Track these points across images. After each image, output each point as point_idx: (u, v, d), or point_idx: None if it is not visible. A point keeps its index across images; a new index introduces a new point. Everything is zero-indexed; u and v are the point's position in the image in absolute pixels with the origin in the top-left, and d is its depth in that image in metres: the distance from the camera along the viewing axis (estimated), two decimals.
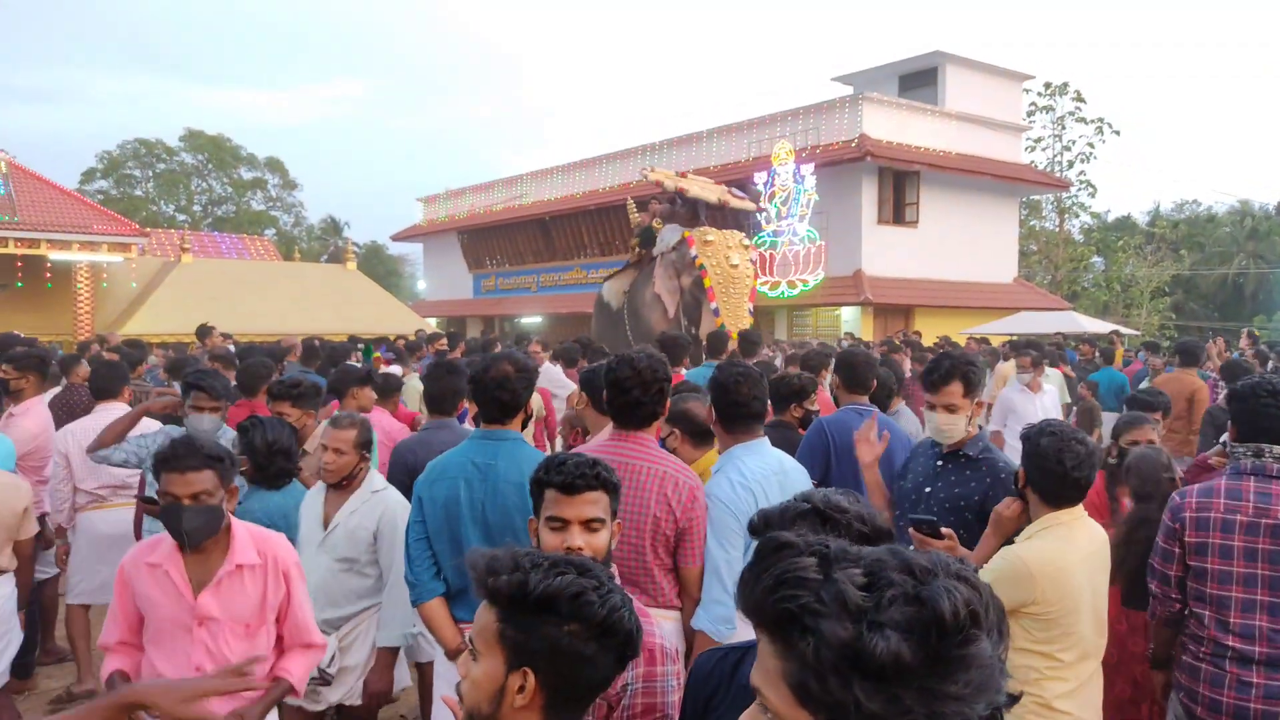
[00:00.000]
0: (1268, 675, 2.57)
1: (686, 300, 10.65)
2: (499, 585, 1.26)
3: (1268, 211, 40.30)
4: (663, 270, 10.80)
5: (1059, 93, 30.50)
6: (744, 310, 10.53)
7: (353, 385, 5.10)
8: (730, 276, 10.42)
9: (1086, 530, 2.63)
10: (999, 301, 20.76)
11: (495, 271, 28.70)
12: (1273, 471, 2.65)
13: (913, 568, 0.84)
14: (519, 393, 2.88)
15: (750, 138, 21.26)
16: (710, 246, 10.50)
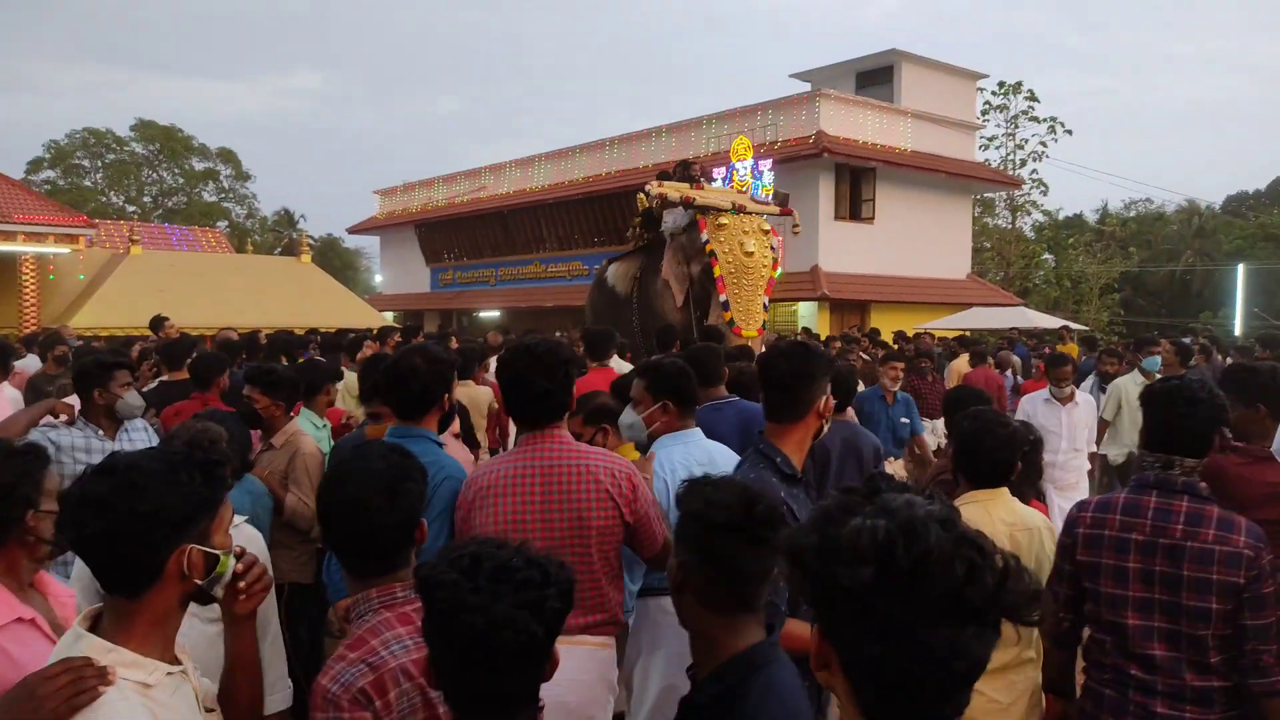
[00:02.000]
0: (1171, 706, 2.37)
1: (695, 290, 9.47)
2: None
3: (1214, 210, 41.30)
4: (671, 254, 9.63)
5: (1012, 92, 30.94)
6: (758, 305, 9.25)
7: (325, 381, 5.01)
8: (744, 266, 9.16)
9: (1007, 511, 2.76)
10: (953, 297, 21.07)
11: (453, 265, 28.51)
12: (1177, 486, 2.42)
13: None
14: (429, 387, 2.78)
15: (709, 133, 21.35)
16: (723, 231, 9.23)
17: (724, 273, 9.06)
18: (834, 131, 19.17)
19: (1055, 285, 31.76)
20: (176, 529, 1.49)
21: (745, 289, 9.12)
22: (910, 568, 0.90)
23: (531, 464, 2.48)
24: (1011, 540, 2.69)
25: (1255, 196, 42.21)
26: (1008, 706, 2.66)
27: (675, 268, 9.45)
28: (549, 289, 24.22)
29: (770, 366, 2.51)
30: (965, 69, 23.37)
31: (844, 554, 0.93)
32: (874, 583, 0.91)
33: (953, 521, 0.94)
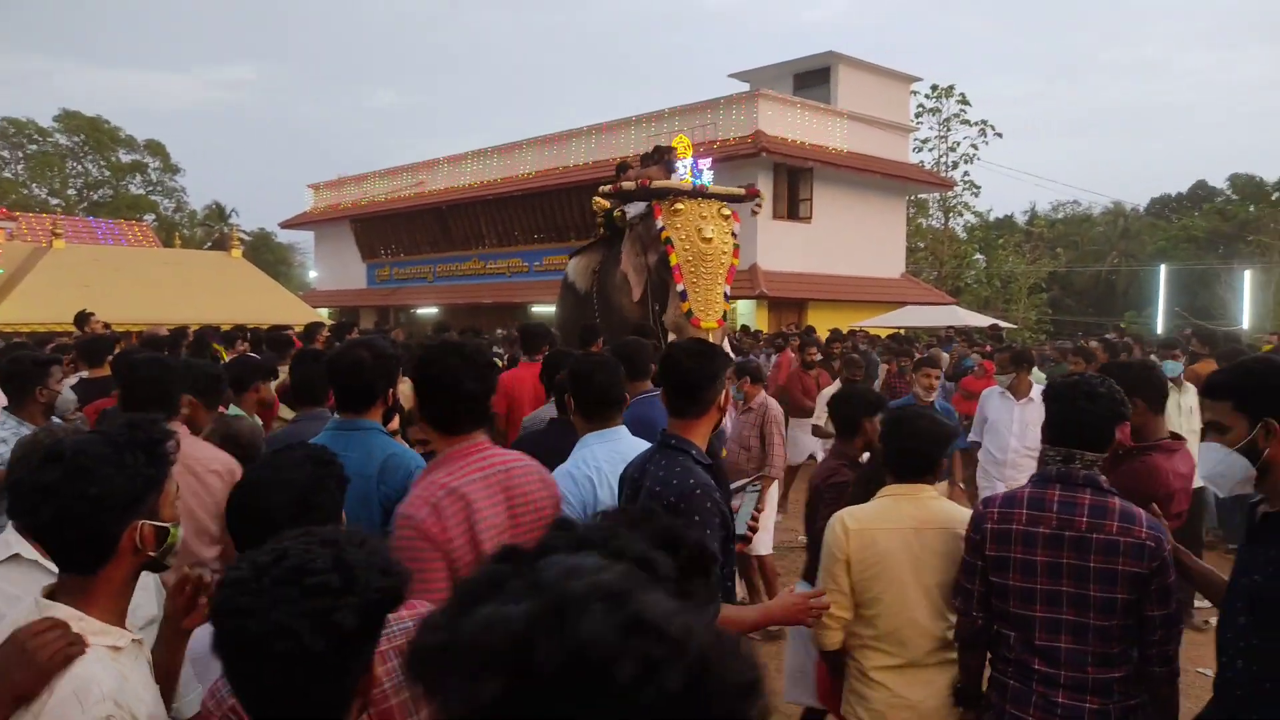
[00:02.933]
0: (1072, 697, 2.42)
1: (653, 281, 8.84)
2: None
3: (1139, 212, 42.66)
4: (629, 245, 9.01)
5: (945, 95, 31.56)
6: (718, 294, 8.60)
7: (256, 379, 4.89)
8: (701, 253, 8.54)
9: (919, 507, 2.75)
10: (888, 296, 21.44)
11: (390, 261, 28.14)
12: (1079, 479, 2.45)
13: None
14: (373, 381, 2.82)
15: (650, 130, 21.39)
16: (679, 217, 8.62)
17: (681, 261, 8.50)
18: (772, 131, 19.36)
19: (986, 284, 32.49)
20: (126, 508, 1.55)
21: (704, 278, 8.56)
22: (553, 674, 0.61)
23: (486, 471, 2.29)
24: (917, 537, 2.70)
25: (1178, 199, 43.68)
26: (916, 704, 2.67)
27: (633, 259, 8.91)
28: (488, 286, 24.05)
29: (674, 367, 2.54)
30: (900, 72, 23.78)
31: (462, 659, 0.64)
32: (501, 700, 0.62)
33: (627, 596, 0.65)
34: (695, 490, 2.41)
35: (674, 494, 2.39)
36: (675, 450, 2.49)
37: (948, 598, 2.68)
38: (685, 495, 2.40)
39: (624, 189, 9.01)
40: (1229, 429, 2.20)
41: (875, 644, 2.71)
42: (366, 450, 2.70)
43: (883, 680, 2.69)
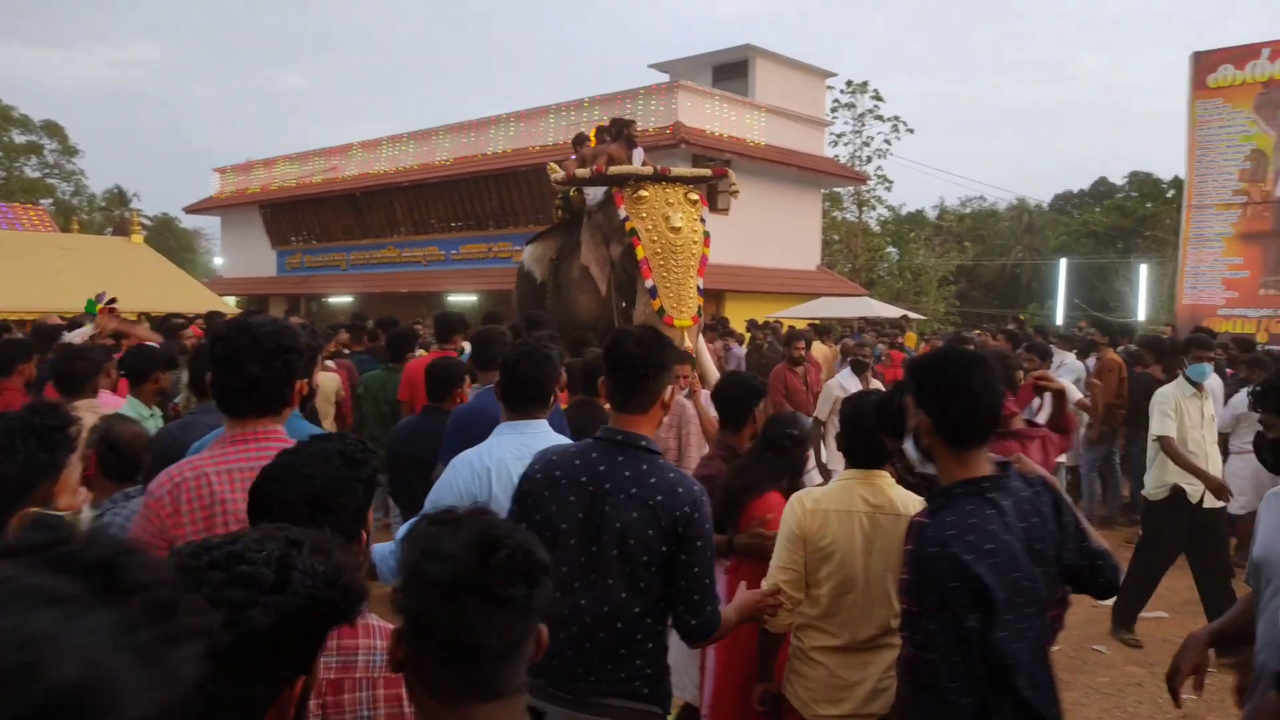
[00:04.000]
0: None
1: (619, 275, 8.06)
2: None
3: (1043, 208, 44.15)
4: (589, 236, 8.21)
5: (859, 91, 32.15)
6: (691, 289, 7.81)
7: (155, 369, 4.70)
8: (670, 244, 7.76)
9: (875, 493, 2.75)
10: (803, 287, 21.78)
11: (301, 248, 27.42)
12: None
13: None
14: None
15: (569, 119, 21.27)
16: (644, 204, 7.83)
17: (649, 254, 7.74)
18: (691, 123, 19.45)
19: (898, 277, 33.28)
20: (13, 494, 1.50)
21: (674, 271, 7.78)
22: None
23: (254, 464, 2.06)
24: (871, 522, 2.70)
25: (1079, 195, 45.31)
26: (854, 685, 2.68)
27: (594, 251, 8.13)
28: (404, 274, 23.64)
29: (622, 356, 2.40)
30: (816, 67, 24.12)
31: None
32: None
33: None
34: (703, 495, 2.35)
35: (688, 503, 2.28)
36: (648, 452, 2.37)
37: (895, 584, 2.67)
38: (698, 502, 2.31)
39: (579, 176, 8.26)
40: None
41: (819, 624, 2.73)
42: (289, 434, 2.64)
43: (822, 660, 2.72)
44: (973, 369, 2.08)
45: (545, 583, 1.21)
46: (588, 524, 2.30)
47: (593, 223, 8.28)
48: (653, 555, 2.27)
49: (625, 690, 2.30)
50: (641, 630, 2.31)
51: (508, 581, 1.17)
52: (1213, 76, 16.35)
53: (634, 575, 2.27)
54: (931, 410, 2.10)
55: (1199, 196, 16.66)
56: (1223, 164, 16.26)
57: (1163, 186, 37.87)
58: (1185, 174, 17.16)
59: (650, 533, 2.26)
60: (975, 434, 2.10)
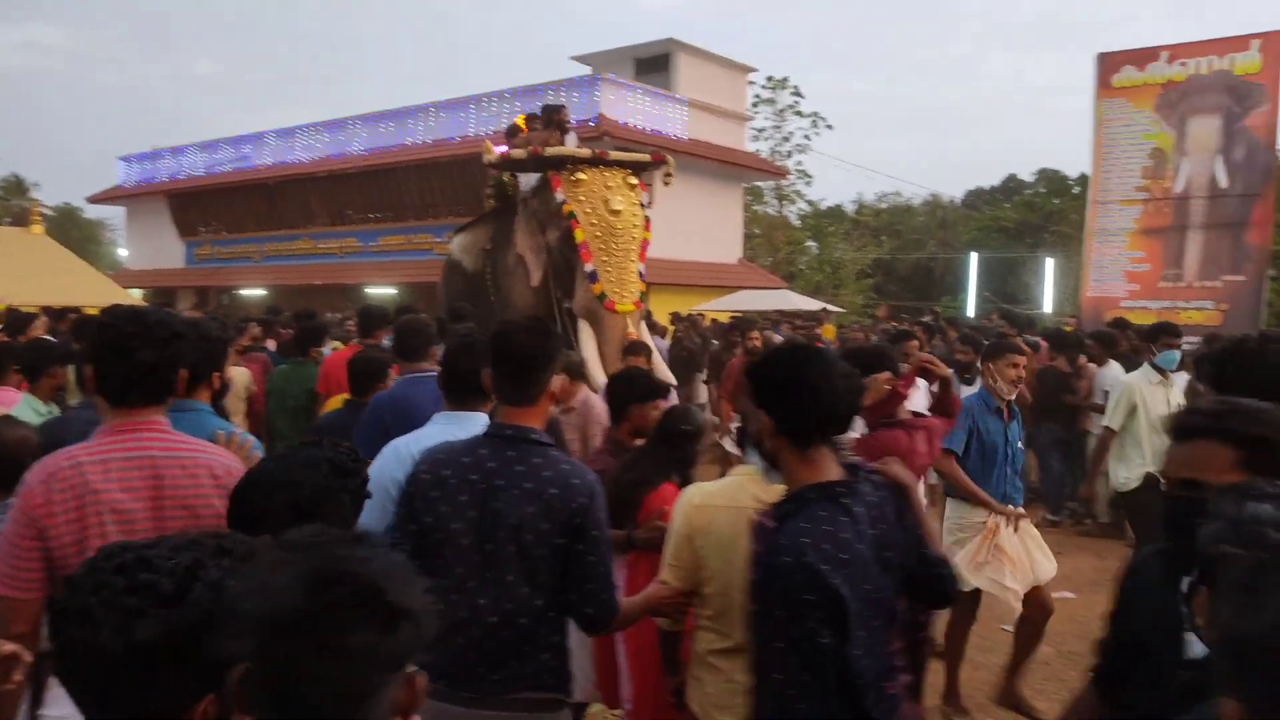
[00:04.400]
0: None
1: (555, 262, 7.74)
2: None
3: (955, 203, 45.31)
4: (524, 223, 7.90)
5: (780, 87, 32.53)
6: (632, 273, 7.60)
7: (53, 363, 4.49)
8: (611, 228, 7.53)
9: (766, 490, 2.63)
10: (726, 280, 21.96)
11: (211, 239, 26.57)
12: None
13: None
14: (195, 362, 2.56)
15: (489, 110, 21.03)
16: (582, 187, 7.61)
17: (588, 237, 7.50)
18: (613, 116, 19.42)
19: (818, 270, 33.81)
20: None
21: (615, 255, 7.54)
22: None
23: (134, 454, 2.07)
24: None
25: (990, 192, 46.57)
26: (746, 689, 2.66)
27: (529, 239, 7.86)
28: (320, 266, 23.10)
29: (510, 345, 2.35)
30: (737, 62, 24.30)
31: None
32: None
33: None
34: (598, 485, 2.32)
35: (583, 494, 2.26)
36: (540, 444, 2.31)
37: None
38: (594, 493, 2.28)
39: (514, 158, 7.98)
40: None
41: (710, 624, 2.66)
42: (196, 431, 2.53)
43: (715, 663, 2.63)
44: (809, 362, 2.00)
45: (403, 629, 0.98)
46: (481, 522, 2.23)
47: (528, 209, 8.00)
48: (550, 549, 2.23)
49: (531, 683, 2.27)
50: (545, 625, 2.28)
51: (342, 626, 0.95)
52: (1116, 77, 16.97)
53: (532, 570, 2.23)
54: (771, 410, 2.00)
55: (1103, 193, 17.28)
56: (1126, 162, 16.90)
57: (1069, 183, 39.20)
58: (1090, 171, 17.78)
59: (546, 526, 2.21)
60: (819, 431, 2.00)
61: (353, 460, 1.72)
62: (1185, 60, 16.34)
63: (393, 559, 1.05)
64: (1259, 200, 15.90)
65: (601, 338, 7.37)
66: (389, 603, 0.98)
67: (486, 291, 8.42)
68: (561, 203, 7.64)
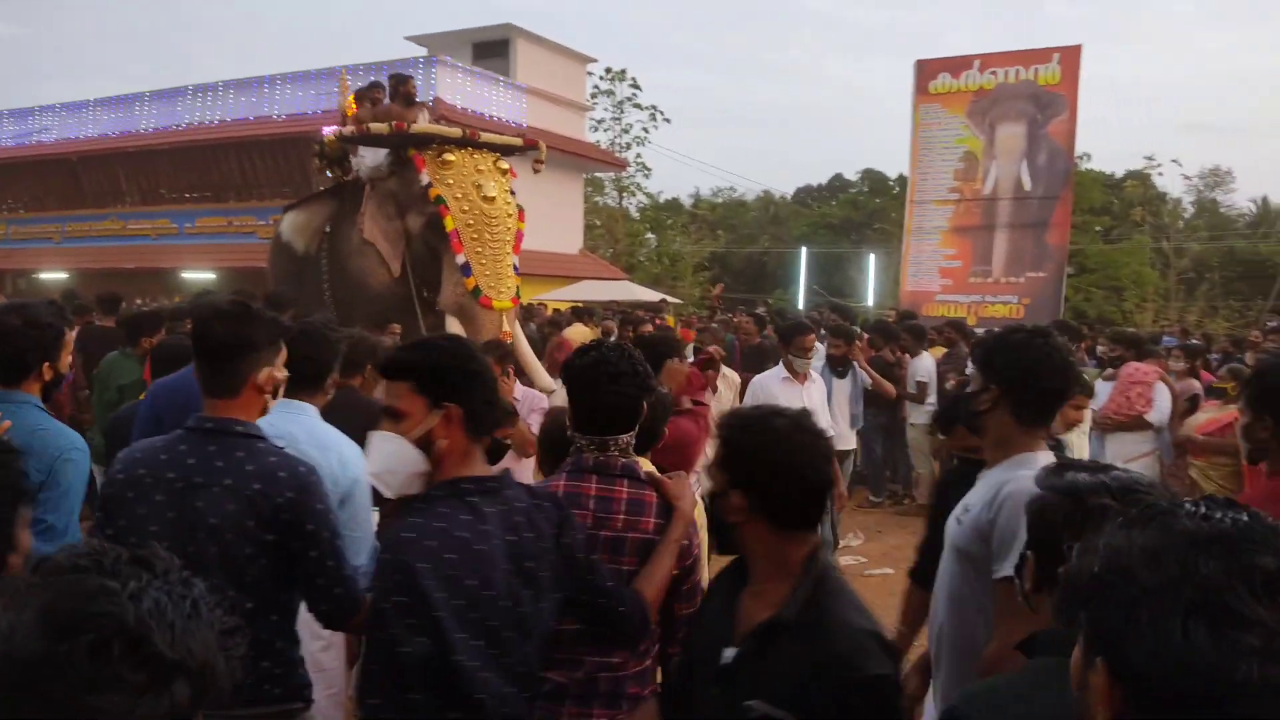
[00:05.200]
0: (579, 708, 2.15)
1: (417, 251, 7.17)
2: None
3: (786, 200, 46.99)
4: (376, 207, 7.21)
5: (618, 79, 32.72)
6: (508, 265, 7.11)
7: None
8: (485, 215, 6.95)
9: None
10: (567, 271, 21.93)
11: (7, 218, 24.32)
12: (616, 468, 2.22)
13: None
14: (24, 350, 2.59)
15: (320, 88, 20.15)
16: (451, 170, 7.01)
17: (459, 226, 6.88)
18: (450, 100, 19.02)
19: (657, 262, 34.29)
20: None
21: (490, 245, 6.96)
22: None
23: None
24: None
25: (818, 190, 48.58)
26: None
27: (383, 224, 7.16)
28: (130, 249, 21.52)
29: (206, 332, 2.18)
30: (577, 51, 24.30)
31: None
32: None
33: None
34: (311, 474, 2.15)
35: (290, 488, 2.07)
36: (246, 437, 2.13)
37: None
38: (304, 485, 2.10)
39: (373, 131, 7.16)
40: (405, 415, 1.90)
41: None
42: (15, 426, 2.40)
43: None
44: (471, 355, 1.94)
45: (176, 686, 0.79)
46: (179, 523, 2.04)
47: (381, 191, 7.26)
48: (257, 547, 2.06)
49: (253, 697, 2.03)
50: (262, 629, 2.07)
51: (86, 684, 0.75)
52: (933, 83, 18.00)
53: (239, 571, 2.04)
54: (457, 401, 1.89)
55: (920, 193, 18.32)
56: (940, 164, 17.97)
57: (890, 184, 41.35)
58: (909, 172, 18.80)
59: (250, 524, 2.04)
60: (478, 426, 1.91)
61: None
62: (995, 69, 17.53)
63: (174, 592, 0.83)
64: (1059, 203, 17.26)
65: (473, 336, 6.47)
66: (156, 653, 0.78)
67: (319, 277, 7.75)
68: (427, 186, 6.97)
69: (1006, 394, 2.27)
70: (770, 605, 1.70)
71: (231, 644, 0.86)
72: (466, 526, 1.79)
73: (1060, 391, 2.32)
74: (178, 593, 0.84)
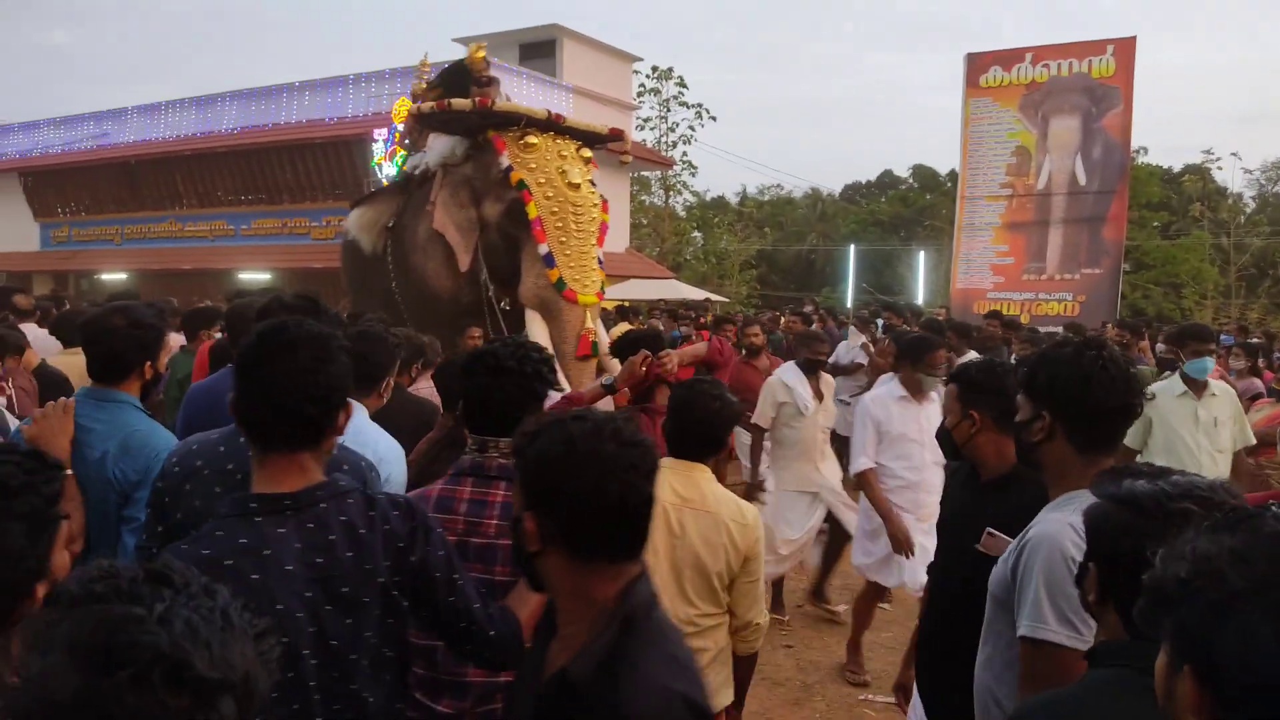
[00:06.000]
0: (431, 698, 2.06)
1: (492, 242, 6.51)
2: None
3: (834, 197, 46.59)
4: (449, 194, 6.59)
5: (665, 77, 32.69)
6: (593, 258, 6.47)
7: None
8: (570, 203, 6.31)
9: (688, 486, 2.63)
10: (613, 270, 21.87)
11: (69, 221, 25.03)
12: (493, 470, 2.13)
13: None
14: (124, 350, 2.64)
15: (368, 90, 20.44)
16: (534, 153, 6.39)
17: (543, 213, 6.22)
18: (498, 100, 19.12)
19: (703, 261, 34.22)
20: None
21: (575, 235, 6.30)
22: None
23: None
24: (675, 513, 2.58)
25: (867, 186, 48.10)
26: None
27: (455, 212, 6.53)
28: (187, 250, 22.04)
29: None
30: (623, 51, 24.31)
31: None
32: None
33: None
34: (370, 468, 2.10)
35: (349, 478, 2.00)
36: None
37: (698, 583, 2.58)
38: (363, 478, 2.03)
39: (456, 108, 6.54)
40: None
41: None
42: (112, 424, 2.46)
43: None
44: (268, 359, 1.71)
45: (222, 703, 0.77)
46: None
47: (455, 176, 6.64)
48: None
49: None
50: None
51: (132, 718, 0.73)
52: (984, 77, 17.72)
53: None
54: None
55: (970, 188, 18.05)
56: (992, 159, 17.69)
57: (941, 179, 40.78)
58: (959, 167, 18.53)
59: None
60: (260, 432, 1.68)
61: (27, 474, 1.34)
62: (1048, 62, 17.21)
63: (201, 606, 0.80)
64: (1115, 197, 16.90)
65: (557, 333, 6.21)
66: (198, 676, 0.75)
67: (385, 277, 7.20)
68: (508, 169, 6.33)
69: (1059, 419, 1.97)
70: (570, 653, 1.39)
71: (267, 647, 0.84)
72: (240, 553, 1.56)
73: (1124, 410, 1.96)
74: (205, 606, 0.81)
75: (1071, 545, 1.78)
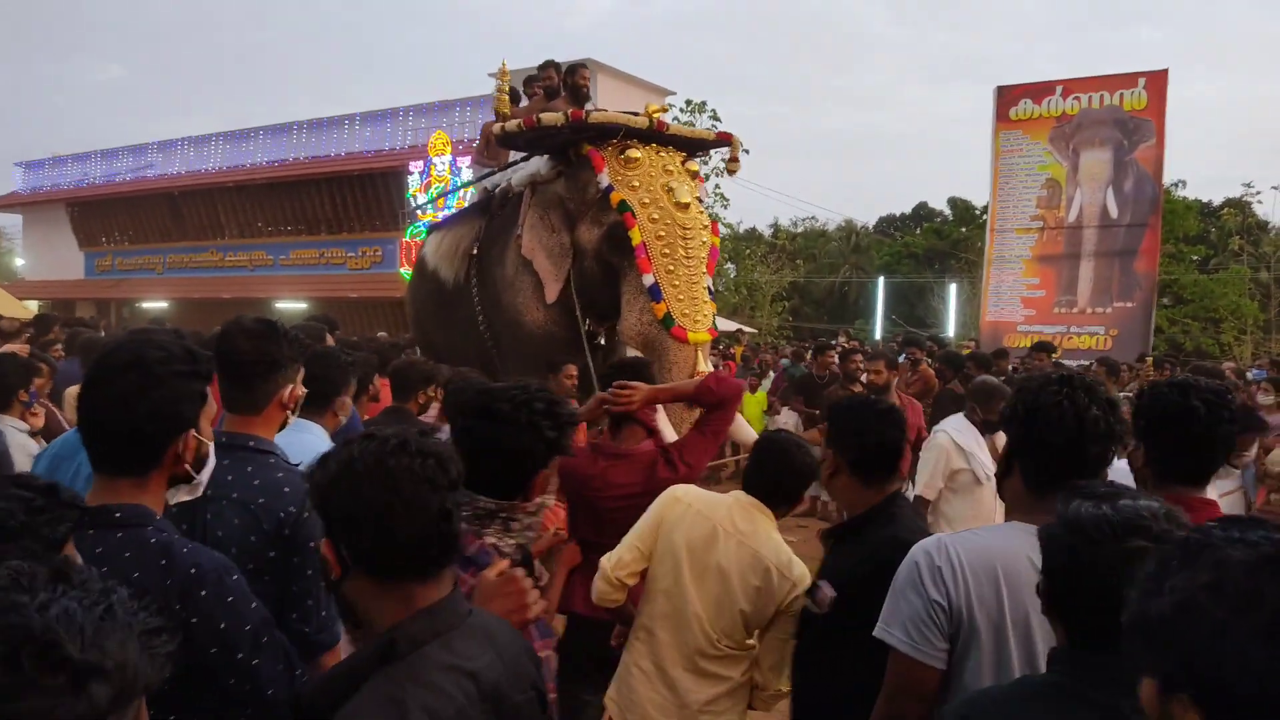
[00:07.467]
0: None
1: (586, 270, 5.61)
2: None
3: (868, 229, 46.51)
4: (538, 215, 5.79)
5: (698, 110, 32.96)
6: (703, 289, 5.43)
7: None
8: (678, 226, 5.36)
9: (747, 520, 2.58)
10: None
11: (113, 250, 25.70)
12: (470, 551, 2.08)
13: None
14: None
15: (406, 125, 20.86)
16: (636, 170, 5.51)
17: (647, 238, 5.31)
18: None
19: (735, 292, 34.28)
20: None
21: (684, 264, 5.35)
22: None
23: None
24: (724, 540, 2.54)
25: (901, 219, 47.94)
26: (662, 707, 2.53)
27: (545, 237, 5.71)
28: (227, 279, 22.53)
29: (229, 349, 2.14)
30: (655, 85, 24.63)
31: None
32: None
33: None
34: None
35: (294, 503, 2.02)
36: (256, 452, 2.10)
37: (722, 610, 2.52)
38: (306, 502, 1.98)
39: (545, 124, 5.53)
40: None
41: (646, 624, 2.59)
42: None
43: (646, 667, 2.58)
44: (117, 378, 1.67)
45: (93, 688, 0.82)
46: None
47: (545, 196, 5.82)
48: (260, 563, 1.98)
49: None
50: None
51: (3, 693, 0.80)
52: (1014, 110, 17.72)
53: None
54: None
55: (1001, 221, 18.00)
56: (1022, 191, 17.65)
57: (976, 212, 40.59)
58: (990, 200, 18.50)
59: (254, 539, 1.99)
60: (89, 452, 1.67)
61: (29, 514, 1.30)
62: (1078, 95, 17.18)
63: (86, 599, 0.86)
64: (1147, 230, 16.76)
65: (664, 376, 5.00)
66: (65, 657, 0.81)
67: (472, 310, 6.34)
68: (608, 189, 5.43)
69: (1015, 453, 1.95)
70: None
71: (157, 643, 0.88)
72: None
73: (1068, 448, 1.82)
74: (91, 600, 0.86)
75: (923, 554, 1.85)
